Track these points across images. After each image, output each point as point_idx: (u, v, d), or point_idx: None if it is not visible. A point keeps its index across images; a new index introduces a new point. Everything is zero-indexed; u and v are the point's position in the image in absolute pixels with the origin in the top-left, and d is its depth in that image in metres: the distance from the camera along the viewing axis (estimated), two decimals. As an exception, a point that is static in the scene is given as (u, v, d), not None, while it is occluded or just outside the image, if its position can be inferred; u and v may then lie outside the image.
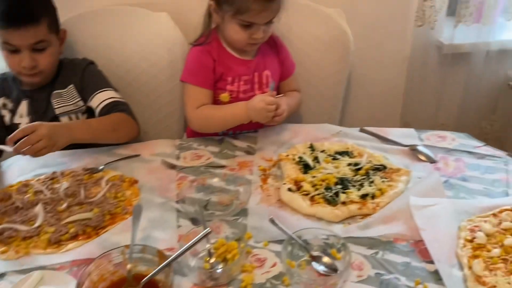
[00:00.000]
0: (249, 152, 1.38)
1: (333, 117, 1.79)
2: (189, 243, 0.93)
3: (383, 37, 1.88)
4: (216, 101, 1.48)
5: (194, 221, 1.10)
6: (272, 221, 1.00)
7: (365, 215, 1.10)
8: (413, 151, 1.33)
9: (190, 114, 1.45)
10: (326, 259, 0.96)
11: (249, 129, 1.47)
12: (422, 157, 1.31)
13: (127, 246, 0.93)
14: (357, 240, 1.02)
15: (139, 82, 1.65)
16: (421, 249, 0.99)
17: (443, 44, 1.88)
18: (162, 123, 1.70)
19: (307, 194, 1.15)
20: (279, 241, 1.01)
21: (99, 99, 1.46)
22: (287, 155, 1.31)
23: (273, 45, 1.55)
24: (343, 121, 1.89)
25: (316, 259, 0.96)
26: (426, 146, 1.36)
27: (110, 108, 1.45)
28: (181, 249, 0.90)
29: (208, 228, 0.89)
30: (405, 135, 1.43)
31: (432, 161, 1.30)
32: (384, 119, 2.05)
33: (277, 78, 1.56)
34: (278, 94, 1.57)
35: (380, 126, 1.97)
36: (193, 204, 1.15)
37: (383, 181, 1.19)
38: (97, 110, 1.45)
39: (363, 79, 1.94)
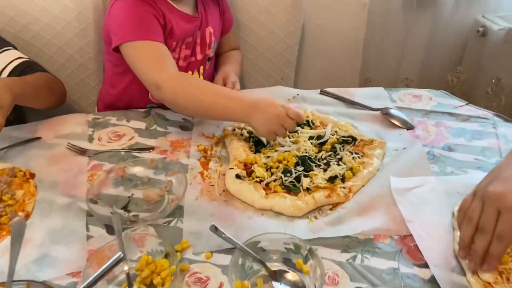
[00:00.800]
0: (185, 127, 1.08)
1: (287, 76, 1.53)
2: (99, 270, 0.65)
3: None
4: None
5: (111, 228, 0.82)
6: (214, 228, 0.73)
7: (335, 205, 0.86)
8: (385, 115, 1.09)
9: (160, 76, 0.96)
10: (290, 275, 0.71)
11: None
12: (397, 123, 1.07)
13: (2, 284, 0.64)
14: (328, 242, 0.78)
15: (41, 42, 1.29)
16: (410, 248, 0.77)
17: (408, -14, 1.63)
18: (75, 93, 1.36)
19: (260, 181, 0.89)
20: (227, 251, 0.76)
21: (3, 62, 1.12)
22: (233, 130, 1.04)
23: None
24: (297, 81, 1.62)
25: (277, 275, 0.71)
26: (399, 108, 1.13)
27: (24, 70, 1.12)
28: (87, 281, 0.62)
29: (119, 254, 0.61)
30: (374, 95, 1.19)
31: (408, 127, 1.07)
32: (342, 75, 1.80)
33: (218, 36, 1.25)
34: (216, 54, 1.29)
35: (338, 84, 1.75)
36: (109, 203, 0.86)
37: (353, 158, 0.95)
38: (4, 75, 1.11)
39: (318, 30, 1.66)
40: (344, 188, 0.87)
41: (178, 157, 0.98)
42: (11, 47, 1.17)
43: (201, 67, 1.22)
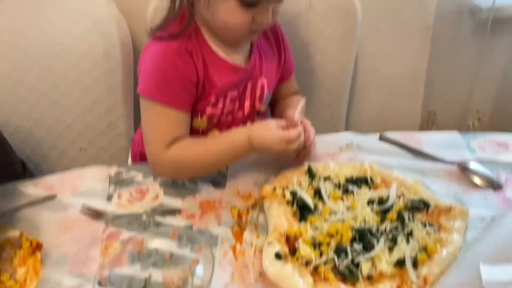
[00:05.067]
0: (218, 182, 0.92)
1: (337, 114, 1.34)
2: None
3: (400, 3, 1.40)
4: None
5: (122, 324, 0.66)
6: None
7: (405, 301, 0.66)
8: (464, 171, 0.88)
9: (157, 157, 0.89)
10: None
11: None
12: (479, 182, 0.86)
13: None
14: None
15: (66, 82, 1.18)
16: None
17: (480, 7, 1.40)
18: (103, 137, 1.24)
19: (307, 263, 0.71)
20: None
21: None
22: (274, 189, 0.86)
23: (272, 36, 1.02)
24: (349, 118, 1.43)
25: None
26: (481, 160, 0.91)
27: None
28: None
29: None
30: (447, 143, 0.98)
31: (495, 186, 0.85)
32: (402, 110, 1.59)
33: (273, 87, 1.03)
34: (272, 102, 1.08)
35: (397, 119, 1.55)
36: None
37: (427, 232, 0.74)
38: None
39: (373, 59, 1.47)
40: (417, 277, 0.67)
41: (207, 225, 0.82)
42: None
43: (248, 122, 1.01)
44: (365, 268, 0.68)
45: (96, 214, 0.85)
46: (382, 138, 1.00)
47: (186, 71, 0.87)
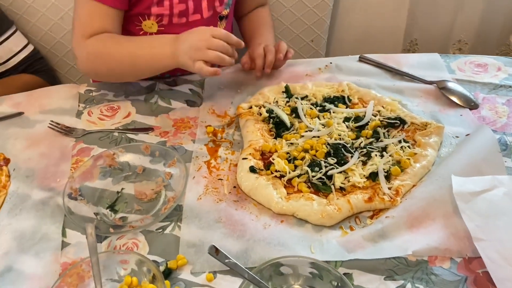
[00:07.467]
0: (192, 102, 0.89)
1: (318, 38, 1.30)
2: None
3: None
4: (133, 34, 0.92)
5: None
6: (214, 251, 0.56)
7: (377, 211, 0.66)
8: (442, 90, 0.87)
9: (76, 47, 0.87)
10: (315, 314, 0.53)
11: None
12: (457, 100, 0.85)
13: None
14: (368, 264, 0.59)
15: (22, 8, 1.10)
16: (478, 277, 0.58)
17: None
18: (64, 65, 1.18)
19: (281, 177, 0.71)
20: (234, 272, 0.58)
21: (11, 51, 1.06)
22: (250, 107, 0.84)
23: None
24: (330, 43, 1.39)
25: (298, 314, 0.53)
26: (459, 81, 0.90)
27: (28, 66, 1.08)
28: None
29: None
30: (427, 64, 0.96)
31: (472, 105, 0.84)
32: (383, 37, 1.55)
33: None
34: (236, 13, 1.05)
35: (378, 47, 1.52)
36: (92, 200, 0.70)
37: (402, 148, 0.74)
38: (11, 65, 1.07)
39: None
40: (389, 189, 0.67)
41: (181, 141, 0.80)
42: (14, 27, 1.07)
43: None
44: (338, 180, 0.68)
45: (66, 130, 0.83)
46: (361, 59, 0.97)
47: None
